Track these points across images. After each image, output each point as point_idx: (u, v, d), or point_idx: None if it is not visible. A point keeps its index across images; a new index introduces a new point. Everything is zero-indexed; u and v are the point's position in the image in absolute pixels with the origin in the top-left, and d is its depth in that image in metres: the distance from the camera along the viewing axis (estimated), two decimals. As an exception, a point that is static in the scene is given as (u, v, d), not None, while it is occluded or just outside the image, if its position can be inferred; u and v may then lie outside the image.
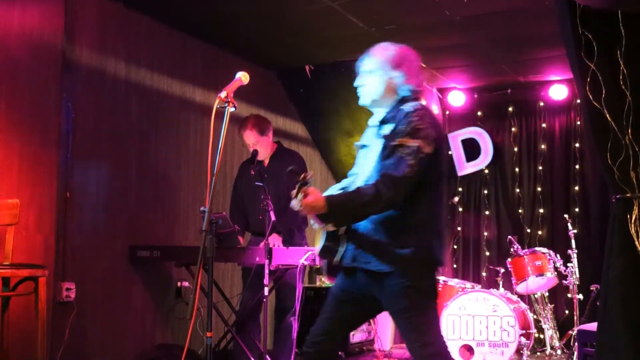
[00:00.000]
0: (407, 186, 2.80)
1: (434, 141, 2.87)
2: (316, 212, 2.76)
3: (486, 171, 7.62)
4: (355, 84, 3.08)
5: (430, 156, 2.85)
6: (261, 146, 4.90)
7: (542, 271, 5.91)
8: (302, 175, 2.72)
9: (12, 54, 4.38)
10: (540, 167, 7.38)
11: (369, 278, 2.92)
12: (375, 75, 3.04)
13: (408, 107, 2.94)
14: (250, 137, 4.89)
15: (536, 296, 6.17)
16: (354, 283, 2.99)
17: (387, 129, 2.93)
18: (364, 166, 3.02)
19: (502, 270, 6.12)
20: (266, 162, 5.02)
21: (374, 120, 3.10)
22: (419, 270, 2.88)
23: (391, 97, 3.03)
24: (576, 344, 5.23)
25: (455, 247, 7.71)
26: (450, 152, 7.66)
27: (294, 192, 2.73)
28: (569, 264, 5.85)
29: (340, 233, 2.93)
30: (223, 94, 2.97)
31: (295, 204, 2.75)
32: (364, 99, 3.07)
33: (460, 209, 7.73)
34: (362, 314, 3.11)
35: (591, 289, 5.89)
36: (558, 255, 6.02)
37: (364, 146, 3.10)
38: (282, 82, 7.00)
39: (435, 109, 7.73)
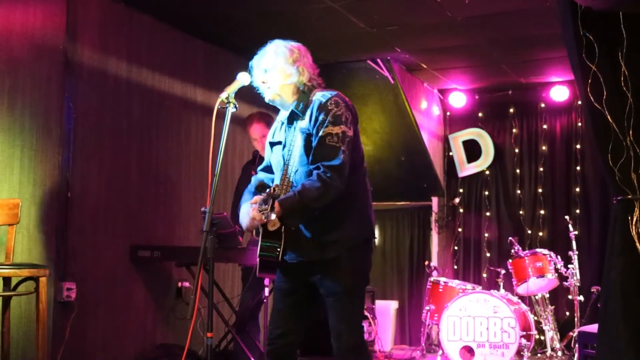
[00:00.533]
0: (346, 172, 2.89)
1: (352, 123, 2.99)
2: (271, 222, 2.80)
3: (487, 172, 7.62)
4: (256, 82, 3.10)
5: (353, 137, 2.97)
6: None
7: (542, 272, 5.90)
8: (272, 189, 2.75)
9: (14, 53, 4.38)
10: (541, 169, 7.38)
11: (312, 267, 2.97)
12: (279, 71, 3.06)
13: (319, 97, 3.01)
14: (257, 131, 4.90)
15: (537, 297, 6.17)
16: (295, 273, 3.03)
17: (304, 122, 2.99)
18: (280, 163, 3.05)
19: (503, 271, 6.12)
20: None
21: (282, 116, 3.16)
22: (361, 253, 3.02)
23: (294, 94, 3.07)
24: (577, 345, 5.23)
25: (456, 248, 7.71)
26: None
27: (265, 206, 2.74)
28: (569, 266, 5.85)
29: (275, 230, 2.90)
30: (224, 95, 2.98)
31: (259, 216, 2.76)
32: (267, 97, 3.09)
33: (461, 210, 7.72)
34: (309, 302, 3.11)
35: (592, 290, 5.89)
36: (559, 257, 6.02)
37: (276, 143, 3.14)
38: (283, 83, 6.99)
39: (436, 110, 7.74)
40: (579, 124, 7.22)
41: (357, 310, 3.03)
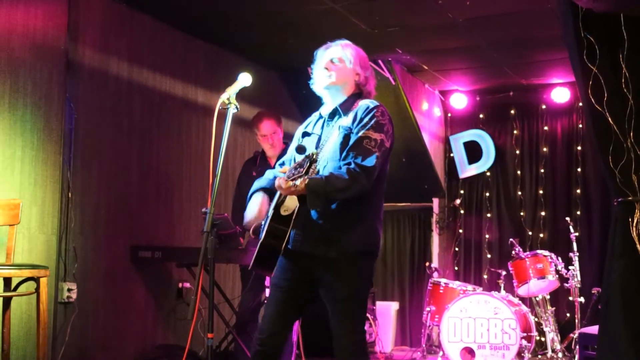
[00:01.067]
0: (374, 176, 2.90)
1: (391, 137, 3.02)
2: (296, 193, 2.77)
3: (488, 174, 7.62)
4: (318, 66, 3.12)
5: (388, 151, 3.01)
6: (277, 138, 4.92)
7: (543, 274, 5.90)
8: (312, 153, 2.73)
9: (15, 53, 4.39)
10: (542, 170, 7.38)
11: (313, 263, 2.95)
12: (348, 66, 3.12)
13: (367, 102, 3.06)
14: (268, 127, 4.91)
15: (537, 299, 6.16)
16: (295, 269, 3.00)
17: (345, 120, 3.01)
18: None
19: (504, 272, 6.12)
20: (272, 161, 5.01)
21: (322, 111, 3.17)
22: (363, 259, 3.00)
23: (349, 92, 3.12)
24: (577, 347, 5.23)
25: (456, 249, 7.71)
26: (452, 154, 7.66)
27: (299, 169, 2.69)
28: (570, 267, 5.85)
29: (286, 215, 2.89)
30: (225, 95, 2.98)
31: (288, 183, 2.70)
32: (325, 82, 3.09)
33: (462, 211, 7.72)
34: (304, 303, 3.09)
35: (593, 292, 5.89)
36: (560, 258, 6.02)
37: (310, 134, 3.15)
38: (285, 83, 7.00)
39: (437, 111, 7.74)
40: (580, 126, 7.22)
41: (360, 314, 3.01)
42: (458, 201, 7.65)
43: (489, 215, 7.59)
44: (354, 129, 2.96)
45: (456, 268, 7.67)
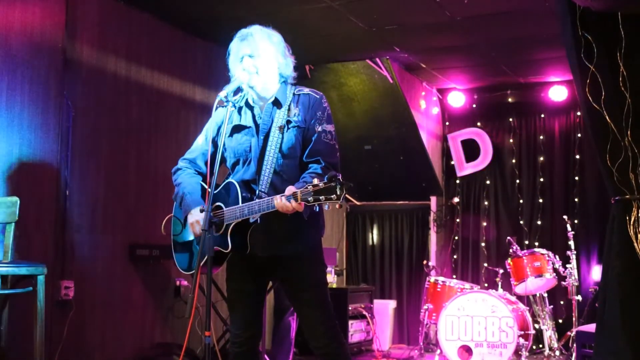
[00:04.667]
0: (339, 169, 2.95)
1: None
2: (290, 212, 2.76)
3: (486, 172, 7.62)
4: (235, 65, 3.07)
5: None
6: None
7: (541, 272, 5.91)
8: (334, 177, 2.66)
9: (12, 51, 4.38)
10: (540, 168, 7.39)
11: (277, 263, 2.99)
12: (269, 57, 3.06)
13: (308, 92, 3.06)
14: None
15: (535, 297, 6.17)
16: (257, 272, 3.05)
17: (291, 113, 2.99)
18: (252, 150, 3.00)
19: (501, 271, 6.12)
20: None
21: (240, 100, 3.10)
22: (321, 246, 3.13)
23: (275, 81, 3.08)
24: (575, 345, 5.24)
25: (454, 247, 7.71)
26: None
27: (327, 196, 2.63)
28: (568, 265, 5.85)
29: (253, 221, 2.90)
30: (223, 93, 2.98)
31: (294, 205, 2.69)
32: (253, 81, 3.02)
33: (460, 210, 7.73)
34: (265, 293, 3.21)
35: (590, 290, 5.90)
36: (557, 256, 6.03)
37: (242, 127, 3.07)
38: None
39: (435, 110, 7.74)
40: (578, 124, 7.23)
41: (328, 298, 3.08)
42: (456, 199, 7.65)
43: (486, 213, 7.60)
44: (310, 124, 2.98)
45: (454, 266, 7.68)
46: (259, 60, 3.03)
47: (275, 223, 2.90)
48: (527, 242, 7.26)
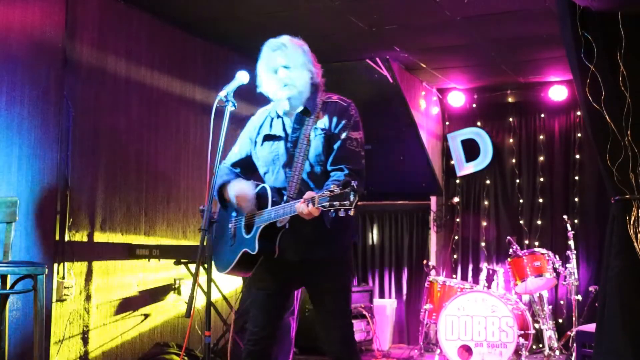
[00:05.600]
0: (364, 177, 2.97)
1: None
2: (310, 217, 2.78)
3: (485, 172, 7.62)
4: (284, 80, 3.03)
5: None
6: None
7: (541, 272, 5.91)
8: (351, 184, 2.66)
9: (12, 51, 4.38)
10: (540, 168, 7.39)
11: (305, 267, 3.01)
12: (303, 68, 3.07)
13: (336, 100, 3.08)
14: None
15: (535, 297, 6.17)
16: (284, 274, 3.06)
17: (320, 122, 3.01)
18: (281, 158, 3.03)
19: (501, 270, 6.13)
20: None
21: (274, 109, 3.13)
22: (349, 253, 3.13)
23: (307, 92, 3.09)
24: (574, 344, 5.24)
25: (454, 247, 7.71)
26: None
27: (344, 202, 2.63)
28: (567, 265, 5.86)
29: (281, 226, 2.92)
30: (223, 93, 2.98)
31: (311, 209, 2.70)
32: (284, 94, 3.04)
33: (460, 209, 7.73)
34: (291, 298, 3.29)
35: (590, 289, 5.90)
36: (557, 256, 6.03)
37: (273, 137, 3.10)
38: (282, 82, 6.99)
39: (435, 109, 7.74)
40: (578, 124, 7.23)
41: (350, 305, 3.12)
42: (456, 199, 7.65)
43: (486, 213, 7.60)
44: (335, 130, 2.99)
45: (454, 266, 7.68)
46: (295, 72, 3.05)
47: (305, 227, 2.91)
48: (527, 242, 7.25)
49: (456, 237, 7.71)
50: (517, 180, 7.49)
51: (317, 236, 2.97)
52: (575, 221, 6.97)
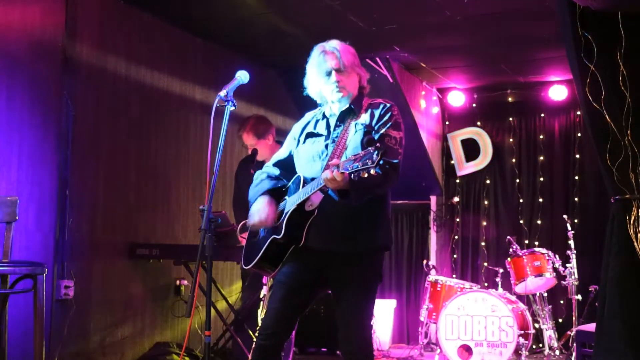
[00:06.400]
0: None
1: (405, 136, 3.08)
2: (339, 187, 2.76)
3: (485, 171, 7.62)
4: (338, 83, 3.08)
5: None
6: (260, 148, 4.89)
7: (541, 271, 5.91)
8: (376, 146, 2.63)
9: (12, 51, 4.38)
10: (540, 168, 7.39)
11: (330, 260, 2.97)
12: (354, 71, 3.14)
13: (381, 101, 3.11)
14: (248, 140, 4.89)
15: (535, 296, 6.17)
16: (306, 268, 3.01)
17: (361, 120, 3.03)
18: (320, 154, 3.04)
19: (501, 270, 6.13)
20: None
21: (323, 111, 3.17)
22: (380, 254, 3.10)
23: (355, 94, 3.14)
24: (574, 344, 5.23)
25: (454, 247, 7.71)
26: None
27: (366, 161, 2.57)
28: (567, 265, 5.85)
29: (310, 211, 2.90)
30: (223, 93, 2.98)
31: (340, 175, 2.66)
32: (338, 96, 3.08)
33: (460, 209, 7.73)
34: (311, 298, 3.13)
35: (590, 289, 5.90)
36: (557, 256, 6.03)
37: (315, 135, 3.13)
38: (283, 81, 7.00)
39: (435, 109, 7.74)
40: (578, 123, 7.23)
41: (372, 308, 3.09)
42: (456, 199, 7.65)
43: (486, 213, 7.60)
44: (375, 126, 3.00)
45: (454, 266, 7.68)
46: (347, 75, 3.10)
47: (337, 217, 2.91)
48: (527, 242, 7.25)
49: (456, 237, 7.71)
50: (517, 180, 7.49)
51: (348, 228, 2.95)
52: (575, 221, 6.96)
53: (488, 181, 7.63)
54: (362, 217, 2.95)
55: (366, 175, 2.59)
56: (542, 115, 7.44)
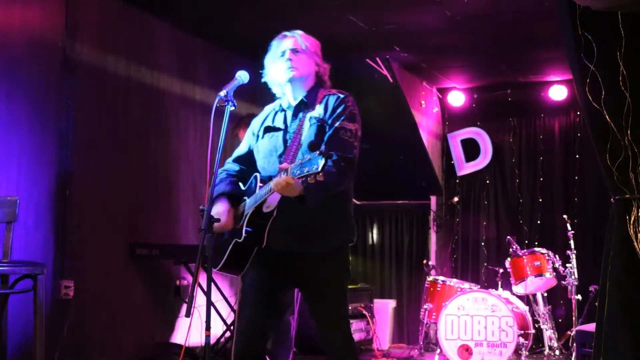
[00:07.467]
0: (355, 167, 2.91)
1: (361, 127, 3.02)
2: (292, 192, 2.72)
3: (485, 171, 7.62)
4: (275, 59, 3.07)
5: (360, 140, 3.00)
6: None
7: (541, 271, 5.91)
8: (321, 151, 2.57)
9: (12, 51, 4.38)
10: (540, 168, 7.39)
11: (298, 261, 2.95)
12: (311, 58, 3.10)
13: (336, 93, 3.05)
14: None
15: (535, 296, 6.17)
16: (276, 269, 2.99)
17: (315, 112, 3.00)
18: (278, 149, 3.01)
19: (501, 270, 6.13)
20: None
21: (279, 104, 3.15)
22: (346, 250, 3.09)
23: (311, 84, 3.10)
24: (574, 344, 5.24)
25: (454, 247, 7.71)
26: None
27: (312, 167, 2.54)
28: (567, 265, 5.85)
29: (267, 212, 2.87)
30: (223, 93, 2.97)
31: (292, 180, 2.63)
32: (289, 75, 3.04)
33: (460, 209, 7.73)
34: (282, 298, 3.09)
35: (590, 289, 5.90)
36: (557, 256, 6.02)
37: (274, 129, 3.09)
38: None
39: (435, 109, 7.74)
40: (578, 123, 7.23)
41: (347, 305, 3.09)
42: (456, 199, 7.64)
43: (486, 212, 7.60)
44: (328, 120, 2.96)
45: (454, 266, 7.68)
46: (302, 56, 3.06)
47: (298, 218, 2.88)
48: (527, 242, 7.25)
49: (456, 237, 7.71)
50: (517, 180, 7.49)
51: (310, 229, 2.92)
52: (575, 221, 6.96)
53: (488, 181, 7.63)
54: (322, 216, 2.90)
55: (314, 181, 2.55)
56: (542, 115, 7.44)
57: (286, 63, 3.04)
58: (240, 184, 3.12)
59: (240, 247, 2.93)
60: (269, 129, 3.11)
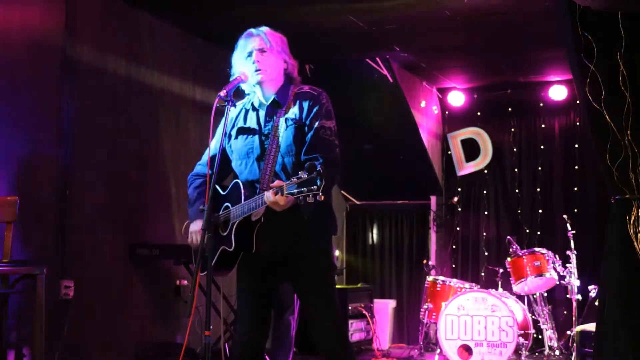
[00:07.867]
0: (340, 163, 2.94)
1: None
2: (283, 208, 2.73)
3: (485, 171, 7.62)
4: (241, 61, 3.06)
5: None
6: None
7: (541, 271, 5.90)
8: (318, 169, 2.59)
9: (12, 51, 4.38)
10: (540, 168, 7.39)
11: (287, 263, 2.99)
12: (279, 56, 3.07)
13: (309, 90, 3.04)
14: None
15: (535, 296, 6.17)
16: (267, 272, 3.03)
17: (290, 112, 2.98)
18: (255, 151, 3.00)
19: (501, 270, 6.13)
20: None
21: (248, 102, 3.12)
22: (331, 247, 3.12)
23: (280, 82, 3.08)
24: (574, 344, 5.24)
25: (454, 246, 7.71)
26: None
27: (310, 188, 2.58)
28: (567, 265, 5.85)
29: (255, 220, 2.88)
30: (223, 93, 2.97)
31: (280, 198, 2.65)
32: (256, 78, 3.02)
33: (460, 209, 7.73)
34: (277, 295, 3.20)
35: (590, 289, 5.90)
36: (557, 256, 6.02)
37: (248, 130, 3.07)
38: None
39: (435, 109, 7.74)
40: (578, 123, 7.23)
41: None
42: (456, 199, 7.64)
43: (486, 212, 7.60)
44: (306, 121, 2.95)
45: (454, 265, 7.68)
46: (269, 56, 3.03)
47: (283, 222, 2.89)
48: (527, 242, 7.25)
49: (456, 237, 7.71)
50: (517, 180, 7.49)
51: (295, 231, 2.93)
52: (575, 221, 6.96)
53: (488, 181, 7.63)
54: (308, 217, 2.90)
55: (313, 200, 2.58)
56: (543, 115, 7.44)
57: (253, 66, 3.02)
58: (218, 188, 3.09)
59: (227, 253, 2.95)
60: (242, 130, 3.09)
